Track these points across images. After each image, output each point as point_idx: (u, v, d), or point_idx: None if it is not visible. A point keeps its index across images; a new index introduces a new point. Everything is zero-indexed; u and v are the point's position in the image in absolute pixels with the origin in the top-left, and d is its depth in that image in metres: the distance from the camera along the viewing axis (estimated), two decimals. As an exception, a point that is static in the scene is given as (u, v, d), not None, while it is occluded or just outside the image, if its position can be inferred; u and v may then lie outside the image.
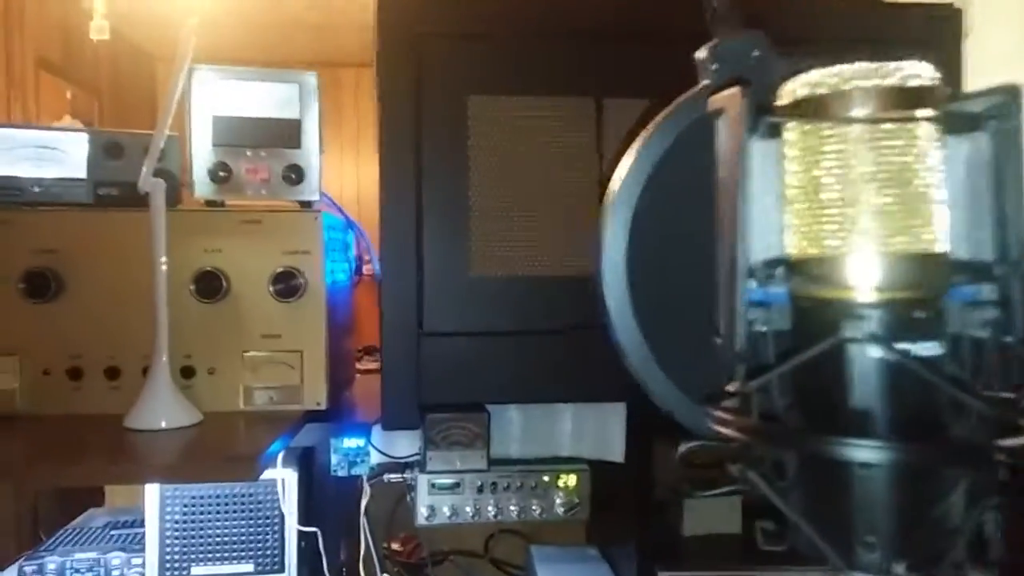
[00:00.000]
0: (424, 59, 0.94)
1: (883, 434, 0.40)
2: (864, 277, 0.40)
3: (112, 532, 1.01)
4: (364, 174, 4.75)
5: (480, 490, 0.94)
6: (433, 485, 0.93)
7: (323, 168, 1.01)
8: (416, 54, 0.94)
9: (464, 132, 0.94)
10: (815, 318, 0.42)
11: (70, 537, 1.01)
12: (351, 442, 0.98)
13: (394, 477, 0.98)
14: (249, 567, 0.93)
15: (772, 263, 0.43)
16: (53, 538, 1.01)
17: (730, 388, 0.43)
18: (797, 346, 0.43)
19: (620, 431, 0.99)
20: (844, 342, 0.40)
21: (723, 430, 0.43)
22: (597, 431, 0.99)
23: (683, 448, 0.51)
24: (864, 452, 0.38)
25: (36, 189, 0.97)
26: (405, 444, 0.99)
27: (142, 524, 1.00)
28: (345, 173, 4.76)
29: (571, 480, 0.96)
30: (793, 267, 0.43)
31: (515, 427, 0.98)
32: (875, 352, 0.40)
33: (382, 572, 0.94)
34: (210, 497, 0.93)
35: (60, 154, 0.97)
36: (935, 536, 0.40)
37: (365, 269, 1.33)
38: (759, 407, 0.43)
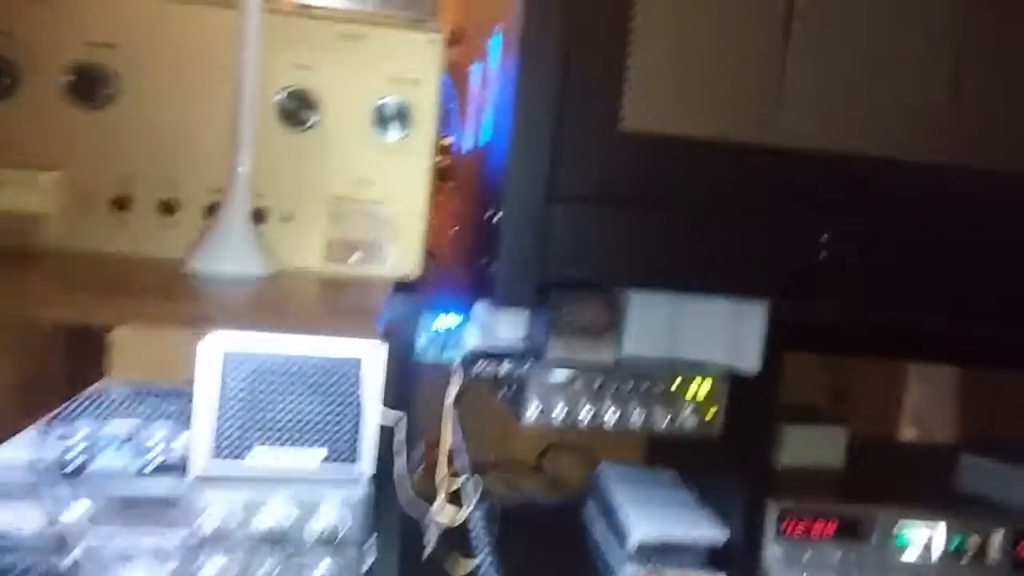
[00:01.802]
0: None
1: None
2: None
3: (143, 403, 0.85)
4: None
5: (600, 389, 0.79)
6: (548, 379, 0.78)
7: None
8: None
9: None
10: None
11: (90, 404, 0.84)
12: (445, 320, 0.82)
13: (495, 367, 0.82)
14: (321, 453, 0.78)
15: None
16: (70, 404, 0.85)
17: None
18: None
19: (757, 336, 0.85)
20: None
21: None
22: (731, 333, 0.85)
23: None
24: None
25: (91, -38, 0.77)
26: (505, 331, 0.83)
27: (177, 396, 0.84)
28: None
29: (704, 388, 0.82)
30: None
31: (638, 318, 0.83)
32: None
33: (473, 474, 0.80)
34: (281, 368, 0.77)
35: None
36: None
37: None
38: None
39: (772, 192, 0.80)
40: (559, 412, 0.79)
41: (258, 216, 0.80)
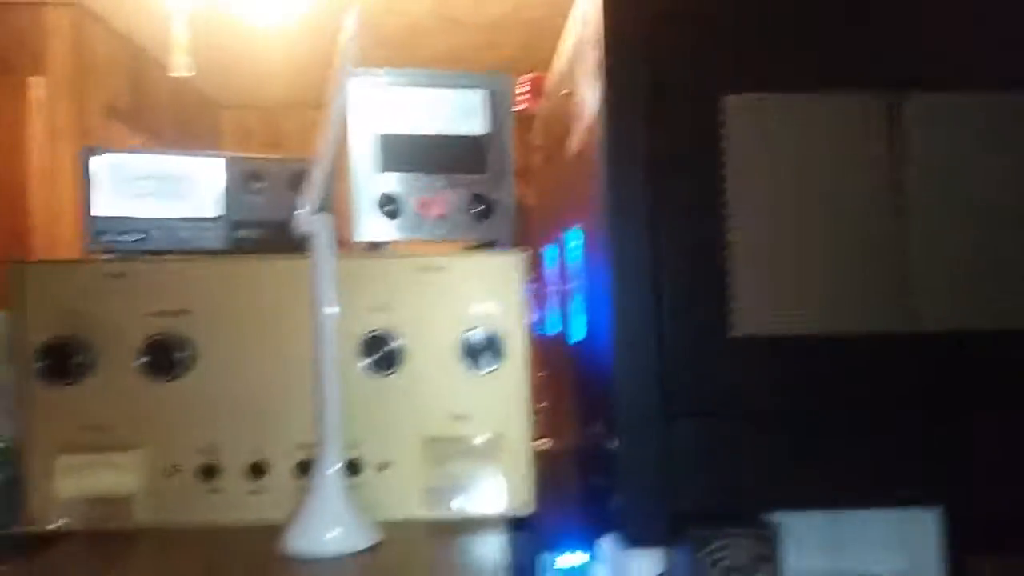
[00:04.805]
0: (661, 51, 0.71)
1: None
2: None
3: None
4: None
5: (761, 631, 0.68)
6: (698, 625, 0.68)
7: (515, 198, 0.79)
8: (650, 45, 0.71)
9: (718, 144, 0.71)
10: None
11: None
12: (569, 558, 0.73)
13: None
14: None
15: None
16: None
17: None
18: None
19: (935, 540, 0.73)
20: None
21: None
22: (904, 540, 0.73)
23: None
24: None
25: (159, 232, 0.75)
26: (640, 570, 0.73)
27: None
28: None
29: (884, 615, 0.70)
30: None
31: (800, 533, 0.73)
32: None
33: None
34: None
35: (189, 186, 0.75)
36: None
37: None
38: None
39: (916, 383, 0.70)
40: (716, 662, 0.68)
41: (352, 468, 0.74)
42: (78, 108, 3.19)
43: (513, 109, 1.53)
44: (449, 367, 0.74)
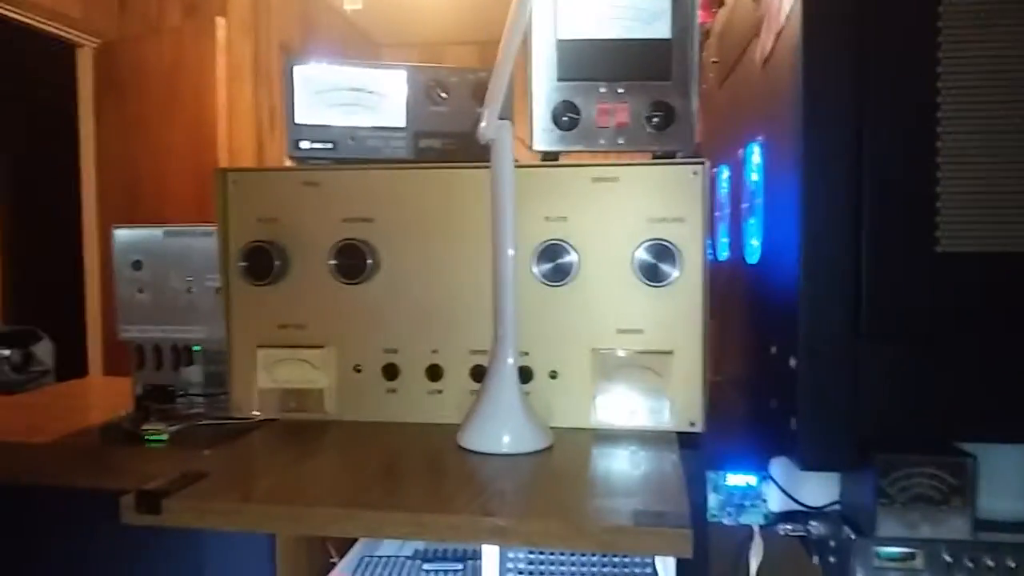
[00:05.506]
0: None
1: None
2: None
3: (426, 568, 0.83)
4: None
5: (949, 569, 0.64)
6: (879, 554, 0.65)
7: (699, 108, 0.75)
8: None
9: (932, 40, 0.64)
10: None
11: (373, 567, 0.83)
12: (739, 478, 0.72)
13: (805, 527, 0.70)
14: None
15: None
16: (355, 564, 0.84)
17: None
18: None
19: None
20: None
21: None
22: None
23: None
24: None
25: (351, 142, 0.79)
26: (813, 495, 0.71)
27: (454, 558, 0.82)
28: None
29: (1096, 562, 0.63)
30: None
31: (994, 471, 0.67)
32: None
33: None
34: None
35: (377, 98, 0.78)
36: None
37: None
38: None
39: None
40: (897, 593, 0.65)
41: (524, 375, 0.76)
42: (254, 47, 3.39)
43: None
44: (623, 280, 0.74)
